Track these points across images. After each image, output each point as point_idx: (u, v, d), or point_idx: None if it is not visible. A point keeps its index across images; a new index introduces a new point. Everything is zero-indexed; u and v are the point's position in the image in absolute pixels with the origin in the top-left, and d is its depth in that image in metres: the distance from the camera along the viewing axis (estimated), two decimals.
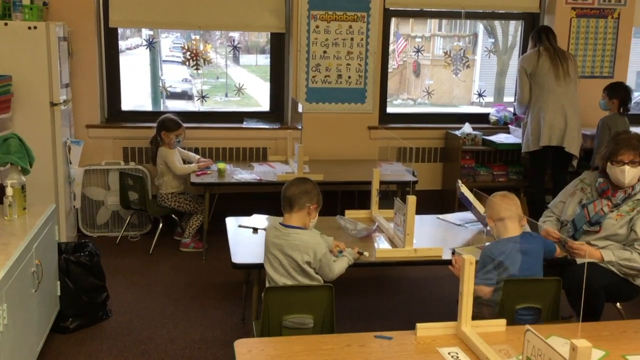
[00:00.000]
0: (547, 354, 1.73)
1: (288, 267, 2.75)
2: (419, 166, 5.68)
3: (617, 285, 3.16)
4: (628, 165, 3.12)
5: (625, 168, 3.12)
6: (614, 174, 3.17)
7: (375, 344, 2.20)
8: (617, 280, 3.15)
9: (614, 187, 3.22)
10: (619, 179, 3.16)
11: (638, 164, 3.13)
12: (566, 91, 4.97)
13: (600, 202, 3.23)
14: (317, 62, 5.39)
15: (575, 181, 3.48)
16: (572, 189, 3.44)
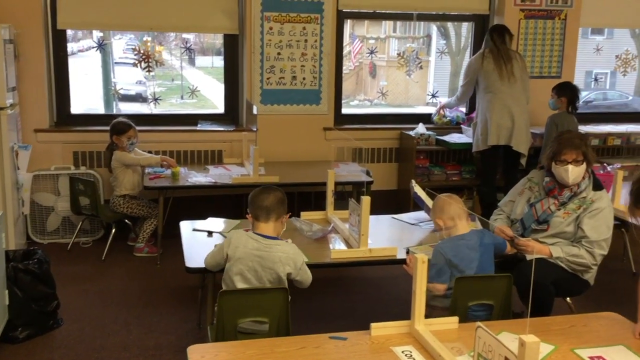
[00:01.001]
0: (497, 349, 1.76)
1: (264, 279, 2.71)
2: (375, 166, 5.72)
3: (567, 280, 3.23)
4: (571, 164, 3.18)
5: (569, 167, 3.18)
6: (559, 174, 3.23)
7: (330, 345, 2.20)
8: (566, 275, 3.22)
9: (560, 186, 3.28)
10: (563, 178, 3.22)
11: (581, 163, 3.19)
12: (512, 91, 5.08)
13: (547, 201, 3.30)
14: (271, 63, 5.37)
15: (524, 180, 3.53)
16: (520, 188, 3.50)
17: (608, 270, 4.33)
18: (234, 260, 2.72)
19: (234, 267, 2.71)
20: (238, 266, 2.71)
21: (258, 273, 2.69)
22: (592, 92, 10.87)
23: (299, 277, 2.77)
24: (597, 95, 11.09)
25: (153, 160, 4.80)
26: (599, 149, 5.99)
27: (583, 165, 3.20)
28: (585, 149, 3.21)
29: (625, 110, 9.10)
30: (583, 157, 3.19)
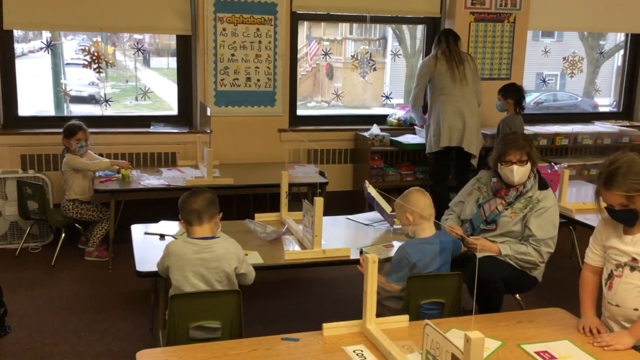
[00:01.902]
0: (445, 346, 1.79)
1: (212, 281, 2.68)
2: (330, 167, 5.74)
3: (516, 277, 3.29)
4: (516, 164, 3.24)
5: (513, 167, 3.24)
6: (504, 174, 3.30)
7: (282, 346, 2.20)
8: (515, 272, 3.28)
9: (507, 186, 3.34)
10: (509, 178, 3.29)
11: (526, 163, 3.26)
12: (463, 93, 5.17)
13: (495, 201, 3.35)
14: (225, 65, 5.34)
15: (473, 180, 3.59)
16: (469, 189, 3.55)
17: (556, 267, 4.45)
18: (177, 270, 2.68)
19: (179, 277, 2.67)
20: (183, 274, 2.67)
21: (205, 276, 2.67)
22: (542, 94, 11.12)
23: (244, 270, 2.76)
24: (547, 97, 11.35)
25: (103, 165, 4.71)
26: (548, 149, 6.15)
27: (527, 165, 3.27)
28: (530, 149, 3.27)
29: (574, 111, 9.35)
30: (527, 157, 3.26)
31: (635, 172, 2.28)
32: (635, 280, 2.35)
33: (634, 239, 2.36)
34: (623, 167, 2.29)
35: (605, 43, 8.39)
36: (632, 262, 2.36)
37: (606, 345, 2.23)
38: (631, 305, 2.36)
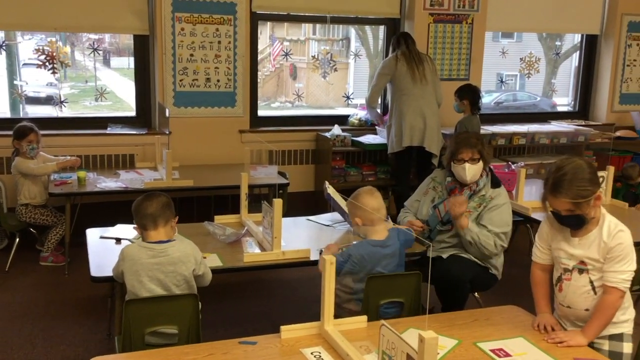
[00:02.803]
0: (400, 347, 1.80)
1: (169, 285, 2.63)
2: (292, 168, 5.72)
3: (481, 276, 3.35)
4: (468, 162, 3.29)
5: (465, 165, 3.29)
6: (457, 172, 3.34)
7: (239, 350, 2.18)
8: (480, 271, 3.33)
9: (461, 186, 3.38)
10: (461, 176, 3.33)
11: (477, 161, 3.31)
12: (423, 93, 5.21)
13: (449, 201, 3.38)
14: (184, 65, 5.28)
15: (428, 180, 3.61)
16: (425, 188, 3.58)
17: (514, 264, 4.51)
18: (131, 275, 2.62)
19: (134, 282, 2.62)
20: (138, 279, 2.62)
21: (162, 281, 2.62)
22: (502, 94, 11.30)
23: (201, 272, 2.73)
24: (507, 97, 11.54)
25: (49, 169, 4.57)
26: (506, 149, 6.25)
27: (479, 163, 3.31)
28: (481, 147, 3.31)
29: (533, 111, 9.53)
30: (479, 156, 3.30)
31: (581, 179, 2.29)
32: (584, 283, 2.38)
33: (581, 242, 2.39)
34: (569, 174, 2.30)
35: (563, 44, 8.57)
36: (580, 264, 2.39)
37: (560, 342, 2.27)
38: (582, 307, 2.40)
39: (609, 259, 2.32)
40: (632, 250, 2.32)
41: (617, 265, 2.31)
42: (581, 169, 2.32)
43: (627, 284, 2.31)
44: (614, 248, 2.31)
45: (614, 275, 2.31)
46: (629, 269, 2.30)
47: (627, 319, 2.41)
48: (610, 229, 2.33)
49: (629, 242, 2.32)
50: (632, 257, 2.32)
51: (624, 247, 2.31)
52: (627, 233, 2.34)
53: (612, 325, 2.37)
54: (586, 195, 2.29)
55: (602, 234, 2.34)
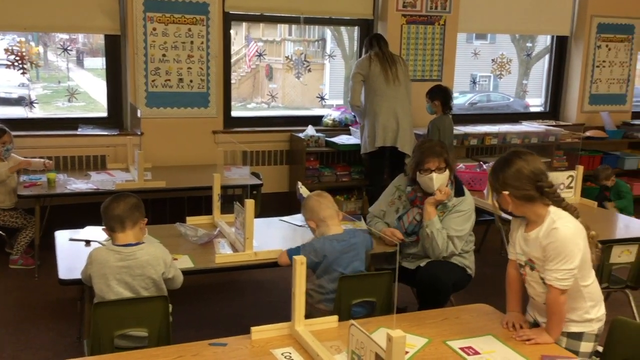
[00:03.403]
0: (369, 346, 1.80)
1: (138, 288, 2.61)
2: (266, 169, 5.71)
3: (462, 278, 3.37)
4: (435, 172, 3.26)
5: (432, 175, 3.25)
6: (424, 182, 3.31)
7: (209, 352, 2.17)
8: (459, 271, 3.35)
9: (424, 195, 3.35)
10: (428, 186, 3.30)
11: (444, 170, 3.28)
12: (396, 94, 5.24)
13: (412, 212, 3.37)
14: (156, 65, 5.23)
15: (392, 189, 3.56)
16: (390, 198, 3.53)
17: (486, 263, 4.58)
18: (99, 279, 2.59)
19: (102, 286, 2.59)
20: (106, 283, 2.59)
21: (129, 284, 2.59)
22: (476, 95, 11.41)
23: (171, 275, 2.70)
24: (481, 98, 11.65)
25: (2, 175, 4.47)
26: (478, 149, 6.31)
27: (446, 172, 3.29)
28: (447, 155, 3.30)
29: (506, 112, 9.63)
30: (445, 164, 3.28)
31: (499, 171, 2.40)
32: (537, 279, 2.41)
33: (527, 240, 2.41)
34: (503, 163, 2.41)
35: (536, 45, 8.67)
36: (530, 261, 2.43)
37: (528, 339, 2.29)
38: (541, 300, 2.43)
39: (546, 258, 2.33)
40: (569, 248, 2.27)
41: (551, 264, 2.31)
42: (506, 166, 2.38)
43: (563, 283, 2.29)
44: (547, 247, 2.32)
45: (549, 273, 2.32)
46: (563, 268, 2.28)
47: (590, 318, 2.40)
48: (546, 227, 2.33)
49: (563, 241, 2.28)
50: (567, 256, 2.27)
51: (556, 246, 2.28)
52: (561, 231, 2.28)
53: (574, 323, 2.39)
54: (494, 188, 2.42)
55: (539, 233, 2.35)
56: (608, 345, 2.39)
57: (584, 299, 2.40)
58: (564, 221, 2.33)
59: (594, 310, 2.42)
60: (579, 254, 2.30)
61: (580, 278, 2.36)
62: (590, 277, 2.42)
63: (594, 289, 2.43)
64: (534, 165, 2.38)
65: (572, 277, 2.31)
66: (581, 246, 2.32)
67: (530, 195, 2.36)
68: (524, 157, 2.39)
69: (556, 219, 2.34)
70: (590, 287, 2.41)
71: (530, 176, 2.36)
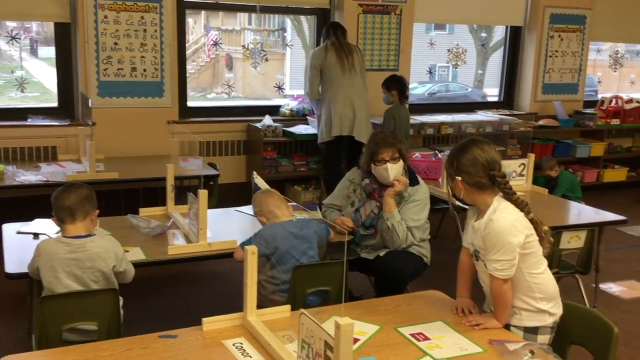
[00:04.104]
0: (318, 334, 1.80)
1: (87, 281, 2.55)
2: (223, 159, 5.66)
3: (418, 266, 3.39)
4: (389, 162, 3.27)
5: (387, 166, 3.27)
6: (379, 173, 3.32)
7: (159, 344, 2.13)
8: (417, 260, 3.37)
9: (380, 187, 3.36)
10: (384, 177, 3.31)
11: (398, 160, 3.30)
12: (352, 83, 5.25)
13: (370, 204, 3.38)
14: (108, 54, 5.12)
15: (346, 183, 3.55)
16: (345, 192, 3.53)
17: (442, 250, 4.63)
18: (47, 271, 2.54)
19: (50, 278, 2.53)
20: (54, 275, 2.53)
21: (79, 277, 2.54)
22: (435, 85, 11.50)
23: (122, 268, 2.66)
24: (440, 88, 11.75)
25: None
26: (434, 138, 6.37)
27: (400, 161, 3.31)
28: (400, 145, 3.32)
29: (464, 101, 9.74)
30: (399, 154, 3.30)
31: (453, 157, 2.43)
32: (483, 268, 2.44)
33: (475, 227, 2.43)
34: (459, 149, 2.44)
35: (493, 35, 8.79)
36: (475, 251, 2.46)
37: (476, 324, 2.33)
38: (488, 289, 2.46)
39: (485, 248, 2.36)
40: (505, 239, 2.29)
41: (490, 254, 2.34)
42: (462, 152, 2.41)
43: (502, 273, 2.31)
44: (485, 237, 2.34)
45: (489, 263, 2.35)
46: (500, 258, 2.30)
47: (543, 309, 2.38)
48: (486, 218, 2.35)
49: (498, 232, 2.30)
50: (503, 247, 2.29)
51: (492, 236, 2.31)
52: (496, 223, 2.30)
53: (526, 314, 2.39)
54: (448, 173, 2.46)
55: (481, 223, 2.37)
56: (557, 329, 2.45)
57: (532, 289, 2.37)
58: (503, 213, 2.33)
59: (545, 302, 2.39)
60: (516, 247, 2.30)
61: (525, 268, 2.36)
62: (540, 267, 2.40)
63: (544, 280, 2.40)
64: (490, 154, 2.41)
65: (512, 266, 2.32)
66: (518, 239, 2.30)
67: (482, 184, 2.39)
68: (480, 145, 2.42)
69: (496, 210, 2.35)
70: (539, 278, 2.39)
71: (485, 164, 2.38)
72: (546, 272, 2.43)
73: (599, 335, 2.26)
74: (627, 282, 4.68)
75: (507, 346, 2.12)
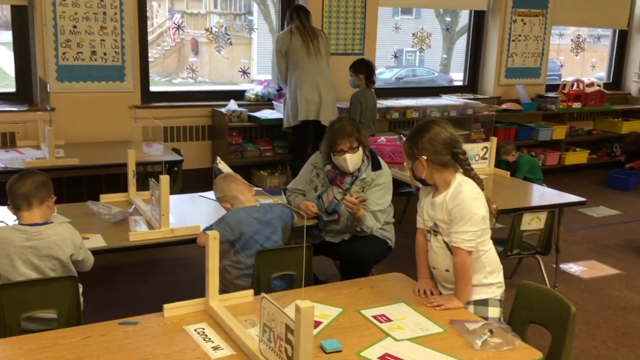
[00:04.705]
0: (279, 318, 1.80)
1: (45, 269, 2.50)
2: (188, 145, 5.60)
3: (382, 249, 3.41)
4: (348, 152, 3.25)
5: (346, 156, 3.25)
6: (339, 163, 3.31)
7: (119, 331, 2.11)
8: (381, 244, 3.39)
9: (342, 173, 3.35)
10: (343, 167, 3.30)
11: (357, 149, 3.28)
12: (318, 67, 5.22)
13: (332, 190, 3.37)
14: (67, 37, 4.99)
15: (309, 167, 3.54)
16: (308, 177, 3.52)
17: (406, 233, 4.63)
18: (3, 259, 2.48)
19: (7, 266, 2.48)
20: (11, 263, 2.47)
21: (36, 265, 2.49)
22: (402, 70, 11.53)
23: (81, 257, 2.61)
24: (407, 72, 11.79)
25: None
26: (399, 122, 6.40)
27: (359, 150, 3.29)
28: (358, 134, 3.28)
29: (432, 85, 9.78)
30: (358, 143, 3.28)
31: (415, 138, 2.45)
32: (440, 244, 2.48)
33: (433, 204, 2.48)
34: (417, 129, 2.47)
35: (459, 19, 8.82)
36: (434, 226, 2.50)
37: (438, 305, 2.36)
38: (442, 267, 2.50)
39: (451, 220, 2.41)
40: (473, 210, 2.37)
41: (456, 226, 2.39)
42: (424, 131, 2.44)
43: (469, 244, 2.38)
44: (452, 209, 2.39)
45: (456, 235, 2.40)
46: (467, 229, 2.37)
47: (490, 282, 2.48)
48: (453, 191, 2.41)
49: (468, 203, 2.37)
50: (472, 218, 2.36)
51: (461, 207, 2.37)
52: (465, 193, 2.38)
53: (475, 289, 2.46)
54: (410, 154, 2.46)
55: (446, 197, 2.43)
56: (514, 308, 2.49)
57: (483, 264, 2.47)
58: (470, 186, 2.43)
59: (492, 276, 2.50)
60: (481, 220, 2.40)
61: (480, 243, 2.44)
62: (489, 244, 2.50)
63: (492, 255, 2.51)
64: (450, 132, 2.46)
65: (477, 238, 2.40)
66: (483, 211, 2.41)
67: (445, 161, 2.44)
68: (440, 124, 2.48)
69: (462, 183, 2.43)
70: (488, 253, 2.49)
71: (447, 141, 2.43)
72: (492, 247, 2.53)
73: (557, 314, 2.31)
74: (586, 262, 4.79)
75: (466, 326, 2.15)
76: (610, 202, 6.36)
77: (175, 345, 2.03)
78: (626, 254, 4.97)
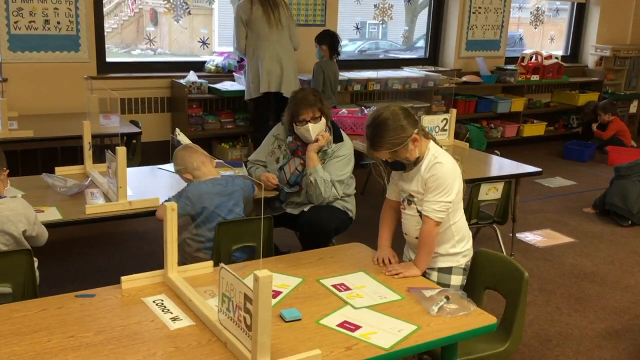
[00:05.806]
0: (238, 287, 1.80)
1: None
2: (145, 117, 5.50)
3: (343, 221, 3.42)
4: (311, 122, 3.23)
5: (309, 126, 3.23)
6: (301, 133, 3.29)
7: (76, 303, 2.08)
8: (341, 215, 3.39)
9: (303, 145, 3.33)
10: (306, 137, 3.28)
11: (319, 119, 3.26)
12: (279, 38, 5.16)
13: (294, 162, 3.36)
14: (18, 5, 4.82)
15: (271, 138, 3.52)
16: (270, 148, 3.49)
17: (369, 205, 4.70)
18: None
19: None
20: None
21: None
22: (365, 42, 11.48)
23: (35, 233, 2.56)
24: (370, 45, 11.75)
25: None
26: (361, 94, 6.40)
27: (322, 120, 3.27)
28: (321, 104, 3.27)
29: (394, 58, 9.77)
30: (320, 113, 3.26)
31: (392, 129, 2.39)
32: (413, 212, 2.53)
33: (408, 176, 2.52)
34: (380, 127, 2.40)
35: None
36: (409, 196, 2.54)
37: (396, 273, 2.39)
38: (413, 235, 2.55)
39: (426, 190, 2.46)
40: (448, 182, 2.42)
41: (430, 196, 2.45)
42: (392, 119, 2.40)
43: (439, 214, 2.43)
44: (428, 179, 2.45)
45: (428, 205, 2.45)
46: (441, 200, 2.42)
47: (456, 252, 2.55)
48: (428, 162, 2.45)
49: (444, 174, 2.42)
50: (446, 189, 2.41)
51: (437, 178, 2.43)
52: (444, 165, 2.42)
53: (441, 258, 2.52)
54: (399, 142, 2.40)
55: (420, 168, 2.47)
56: (471, 275, 2.55)
57: (452, 233, 2.54)
58: (445, 157, 2.48)
59: (460, 245, 2.56)
60: (457, 189, 2.45)
61: (451, 213, 2.49)
62: (460, 213, 2.56)
63: (461, 224, 2.57)
64: (398, 108, 2.45)
65: (448, 210, 2.45)
66: (458, 184, 2.46)
67: (426, 132, 2.50)
68: (385, 112, 2.42)
69: (437, 154, 2.46)
70: (458, 223, 2.55)
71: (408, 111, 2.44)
72: (463, 216, 2.58)
73: (511, 280, 2.37)
74: (542, 231, 4.91)
75: (424, 293, 2.19)
76: (566, 173, 6.51)
77: (134, 317, 2.02)
78: (580, 223, 5.12)
